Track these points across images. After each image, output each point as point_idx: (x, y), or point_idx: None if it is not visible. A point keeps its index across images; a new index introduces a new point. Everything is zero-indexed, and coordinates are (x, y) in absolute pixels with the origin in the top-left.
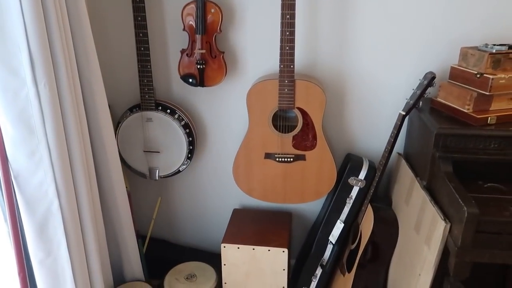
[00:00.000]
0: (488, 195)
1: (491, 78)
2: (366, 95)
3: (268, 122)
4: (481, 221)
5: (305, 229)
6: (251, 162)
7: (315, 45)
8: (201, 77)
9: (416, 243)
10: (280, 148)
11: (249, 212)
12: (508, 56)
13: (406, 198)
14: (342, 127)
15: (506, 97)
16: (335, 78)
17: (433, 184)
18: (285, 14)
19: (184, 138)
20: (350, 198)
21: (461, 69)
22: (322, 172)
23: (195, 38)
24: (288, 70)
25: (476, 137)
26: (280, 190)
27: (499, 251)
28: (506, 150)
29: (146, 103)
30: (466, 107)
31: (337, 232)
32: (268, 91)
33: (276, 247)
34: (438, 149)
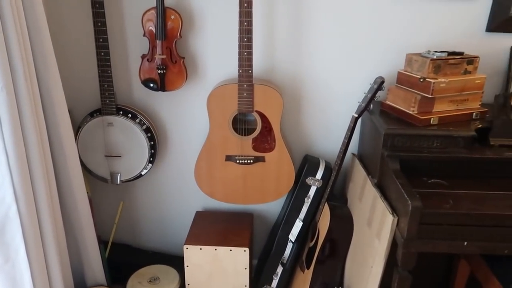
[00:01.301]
0: (432, 189)
1: (432, 82)
2: (322, 98)
3: (228, 125)
4: (424, 214)
5: (267, 229)
6: (212, 164)
7: (272, 51)
8: (162, 82)
9: (368, 237)
10: (240, 151)
11: (212, 214)
12: (448, 62)
13: (359, 195)
14: (299, 129)
15: (447, 100)
16: (292, 83)
17: (383, 181)
18: (242, 21)
19: (146, 142)
20: (308, 198)
21: (407, 74)
22: (281, 173)
23: (155, 44)
24: (247, 75)
25: (421, 137)
26: (241, 192)
27: (441, 241)
28: (448, 148)
29: (106, 108)
30: (411, 109)
31: (296, 230)
32: (227, 95)
33: (237, 247)
34: (386, 148)
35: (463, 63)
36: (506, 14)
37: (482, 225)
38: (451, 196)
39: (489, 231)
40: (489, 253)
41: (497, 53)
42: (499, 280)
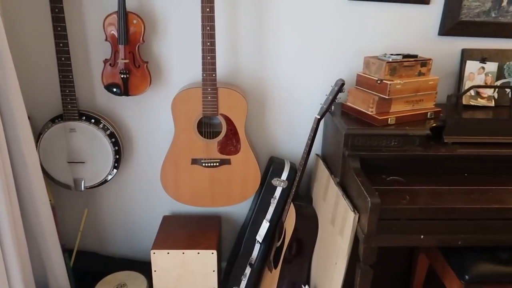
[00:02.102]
0: (390, 186)
1: (389, 84)
2: (286, 101)
3: (193, 128)
4: (382, 210)
5: (235, 231)
6: (178, 168)
7: (236, 54)
8: (126, 87)
9: (332, 235)
10: (206, 154)
11: (179, 217)
12: (403, 64)
13: (323, 194)
14: (264, 131)
15: (403, 100)
16: (256, 86)
17: (345, 180)
18: (205, 25)
19: (110, 147)
20: (274, 198)
21: (365, 76)
22: (247, 175)
23: (117, 48)
24: (211, 78)
25: (379, 136)
26: (208, 194)
27: (400, 235)
28: (404, 146)
29: (68, 114)
30: (370, 109)
31: (263, 231)
32: (192, 98)
33: (205, 250)
34: (347, 148)
35: (417, 65)
36: (456, 18)
37: (437, 218)
38: (408, 192)
39: (444, 224)
40: (444, 245)
41: (449, 56)
42: (454, 271)
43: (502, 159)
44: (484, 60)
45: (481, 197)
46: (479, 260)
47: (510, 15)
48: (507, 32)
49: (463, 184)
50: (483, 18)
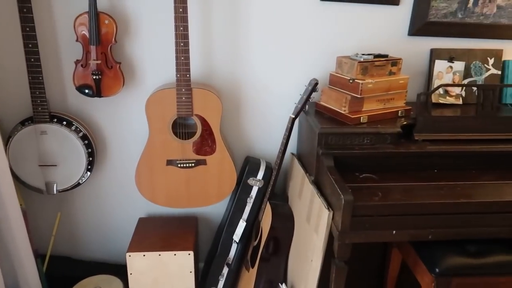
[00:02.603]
0: (363, 184)
1: (361, 83)
2: (261, 100)
3: (168, 129)
4: (355, 207)
5: (212, 231)
6: (153, 169)
7: (210, 55)
8: (98, 88)
9: (307, 233)
10: (181, 155)
11: (155, 219)
12: (374, 64)
13: (299, 193)
14: (240, 131)
15: (375, 99)
16: (231, 86)
17: (319, 178)
18: (178, 26)
19: (83, 149)
20: (250, 198)
21: (338, 75)
22: (223, 175)
23: (89, 49)
24: (185, 79)
25: (352, 135)
26: (184, 195)
27: (373, 231)
28: (376, 144)
29: (39, 116)
30: (343, 108)
31: (240, 230)
32: (166, 99)
33: (181, 251)
34: (321, 147)
35: (388, 65)
36: (424, 19)
37: (408, 214)
38: (380, 189)
39: (415, 219)
40: (416, 239)
41: (419, 55)
42: (425, 264)
43: (469, 155)
44: (451, 60)
45: (450, 192)
46: (449, 254)
47: (476, 16)
48: (473, 32)
49: (433, 180)
50: (450, 18)
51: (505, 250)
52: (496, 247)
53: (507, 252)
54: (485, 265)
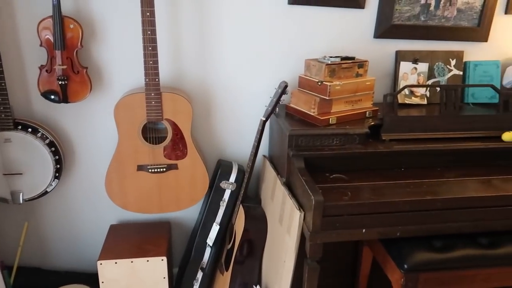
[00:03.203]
0: (333, 184)
1: (329, 85)
2: (232, 104)
3: (138, 134)
4: (326, 207)
5: (185, 235)
6: (123, 175)
7: (180, 59)
8: (64, 93)
9: (280, 234)
10: (152, 160)
11: (127, 226)
12: (341, 66)
13: (271, 195)
14: (211, 135)
15: (343, 101)
16: (201, 90)
17: (291, 179)
18: (146, 30)
19: (50, 157)
20: (223, 201)
21: (306, 78)
22: (195, 179)
23: (54, 54)
24: (154, 83)
25: (321, 136)
26: (156, 201)
27: (343, 230)
28: (345, 145)
29: (2, 123)
30: (312, 110)
31: (213, 234)
32: (135, 104)
33: (154, 257)
34: (292, 148)
35: (355, 67)
36: (389, 22)
37: (377, 212)
38: (350, 188)
39: (383, 217)
40: (385, 237)
41: (385, 57)
42: (394, 261)
43: (434, 153)
44: (416, 61)
45: (416, 190)
46: (416, 250)
47: (438, 19)
48: (435, 35)
49: (400, 178)
50: (413, 21)
51: (469, 244)
52: (460, 242)
53: (471, 246)
54: (451, 260)
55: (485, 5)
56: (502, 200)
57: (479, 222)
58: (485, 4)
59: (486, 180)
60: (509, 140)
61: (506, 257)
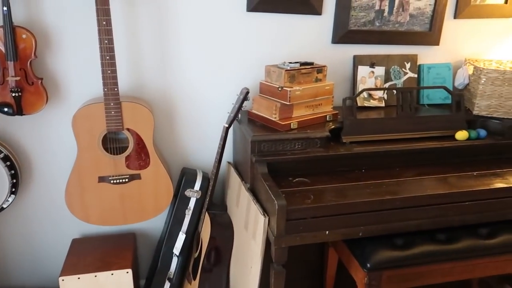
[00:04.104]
0: (296, 188)
1: (289, 90)
2: (194, 111)
3: (98, 145)
4: (289, 211)
5: (152, 246)
6: (84, 188)
7: (139, 67)
8: (18, 106)
9: (246, 240)
10: (113, 170)
11: (90, 239)
12: (300, 71)
13: (236, 201)
14: (175, 143)
15: (303, 105)
16: (162, 98)
17: (255, 185)
18: (103, 39)
19: (5, 172)
20: (189, 209)
21: (267, 84)
22: (159, 188)
23: (6, 65)
24: (113, 93)
25: (283, 141)
26: (119, 212)
27: (307, 233)
28: (307, 149)
29: None
30: (273, 116)
31: (180, 243)
32: (94, 114)
33: (119, 269)
34: (254, 154)
35: (314, 72)
36: (346, 28)
37: (339, 214)
38: (312, 191)
39: (345, 218)
40: (348, 238)
41: (343, 62)
42: (357, 261)
43: (393, 154)
44: (373, 65)
45: (376, 190)
46: (379, 249)
47: (392, 24)
48: (390, 39)
49: (361, 179)
50: (369, 27)
51: (428, 241)
52: (420, 239)
53: (430, 242)
54: (411, 256)
55: (435, 11)
56: (457, 196)
57: (437, 219)
58: (435, 10)
59: (442, 178)
60: (462, 138)
61: (463, 251)
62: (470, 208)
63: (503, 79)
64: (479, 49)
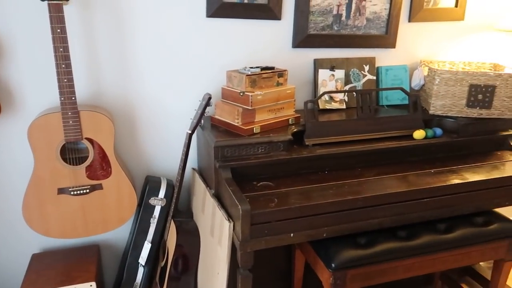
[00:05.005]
0: (260, 192)
1: (250, 95)
2: (157, 118)
3: (56, 156)
4: (253, 215)
5: (117, 257)
6: (43, 200)
7: (98, 75)
8: None
9: (212, 246)
10: (73, 181)
11: (51, 253)
12: (262, 76)
13: (202, 207)
14: (137, 151)
15: (265, 110)
16: (123, 106)
17: (219, 190)
18: (57, 47)
19: None
20: (154, 218)
21: (229, 89)
22: (122, 197)
23: None
24: (70, 102)
25: (247, 145)
26: (81, 224)
27: (272, 236)
28: (271, 152)
29: None
30: (236, 121)
31: (145, 253)
32: (51, 124)
33: (82, 283)
34: (218, 159)
35: (275, 76)
36: (305, 32)
37: (303, 216)
38: (276, 195)
39: (309, 220)
40: (312, 239)
41: (304, 65)
42: (323, 261)
43: (354, 155)
44: (333, 68)
45: (338, 191)
46: (343, 248)
47: (349, 28)
48: (348, 43)
49: (324, 181)
50: (328, 31)
51: (390, 238)
52: (382, 236)
53: (392, 240)
54: (374, 254)
55: (390, 14)
56: (416, 194)
57: (398, 216)
58: (391, 13)
59: (402, 176)
60: (419, 137)
61: (423, 247)
62: (428, 204)
63: (455, 79)
64: (433, 51)
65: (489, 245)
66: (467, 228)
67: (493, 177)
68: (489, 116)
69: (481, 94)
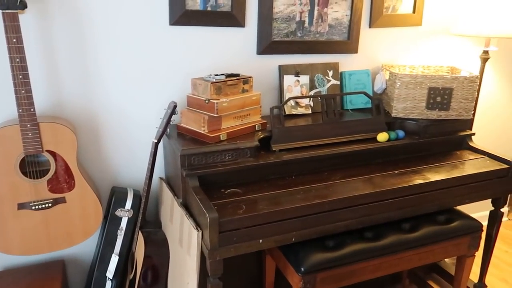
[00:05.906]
0: (228, 199)
1: (216, 103)
2: (122, 128)
3: (15, 170)
4: (221, 223)
5: (84, 272)
6: (2, 217)
7: (58, 86)
8: None
9: (181, 256)
10: (34, 196)
11: (13, 271)
12: (227, 83)
13: (170, 217)
14: (102, 162)
15: (231, 116)
16: (86, 116)
17: (187, 199)
18: (14, 57)
19: None
20: (121, 230)
21: (194, 97)
22: (87, 210)
23: None
24: (29, 113)
25: (214, 153)
26: (44, 239)
27: (241, 243)
28: (238, 159)
29: None
30: (202, 128)
31: (113, 266)
32: (9, 137)
33: None
34: (185, 168)
35: (240, 83)
36: (269, 39)
37: (270, 221)
38: (244, 201)
39: (277, 225)
40: (281, 244)
41: (269, 72)
42: (292, 266)
43: (320, 159)
44: (298, 74)
45: (306, 195)
46: (311, 252)
47: (312, 34)
48: (312, 49)
49: (292, 186)
50: (291, 37)
51: (357, 240)
52: (349, 239)
53: (359, 241)
54: (343, 256)
55: (351, 21)
56: (381, 195)
57: (364, 218)
58: (352, 20)
59: (367, 178)
60: (383, 140)
61: (389, 247)
62: (393, 205)
63: (415, 82)
64: (393, 55)
65: (452, 242)
66: (431, 227)
67: (453, 176)
68: (447, 117)
69: (440, 96)
